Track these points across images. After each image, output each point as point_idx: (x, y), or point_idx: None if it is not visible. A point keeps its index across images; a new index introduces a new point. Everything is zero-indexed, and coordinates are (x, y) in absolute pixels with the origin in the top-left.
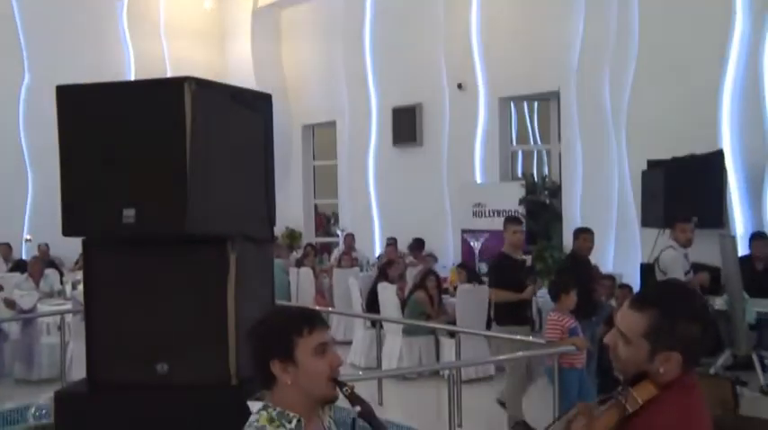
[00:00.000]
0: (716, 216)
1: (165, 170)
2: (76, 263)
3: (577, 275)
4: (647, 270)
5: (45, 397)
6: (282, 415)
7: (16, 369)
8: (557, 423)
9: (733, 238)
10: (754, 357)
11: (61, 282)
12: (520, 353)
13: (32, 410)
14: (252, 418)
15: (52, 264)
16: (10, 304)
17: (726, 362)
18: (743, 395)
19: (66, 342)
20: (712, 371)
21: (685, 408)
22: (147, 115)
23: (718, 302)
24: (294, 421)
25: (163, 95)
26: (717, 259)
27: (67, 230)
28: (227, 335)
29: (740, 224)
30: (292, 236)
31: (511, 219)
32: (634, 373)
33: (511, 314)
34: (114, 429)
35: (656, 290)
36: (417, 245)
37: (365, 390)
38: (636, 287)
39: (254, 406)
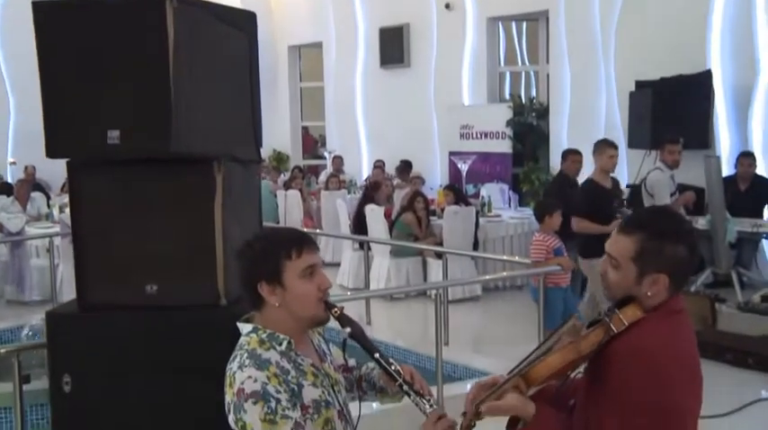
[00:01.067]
0: (702, 137)
1: (148, 90)
2: (63, 186)
3: (565, 196)
4: (633, 191)
5: (37, 317)
6: (272, 337)
7: (8, 291)
8: (551, 337)
9: (718, 159)
10: (733, 275)
11: (48, 206)
12: (504, 274)
13: (26, 330)
14: (242, 341)
15: (39, 187)
16: None
17: (706, 280)
18: (721, 311)
19: (55, 264)
20: (693, 289)
21: (668, 332)
22: (127, 33)
23: (701, 222)
24: (284, 343)
25: (144, 12)
26: (702, 180)
27: (51, 152)
28: (214, 256)
29: (725, 145)
30: (280, 158)
31: (607, 143)
32: (622, 297)
33: (595, 246)
34: (104, 348)
35: (644, 214)
36: (405, 167)
37: (354, 311)
38: None
39: (244, 328)
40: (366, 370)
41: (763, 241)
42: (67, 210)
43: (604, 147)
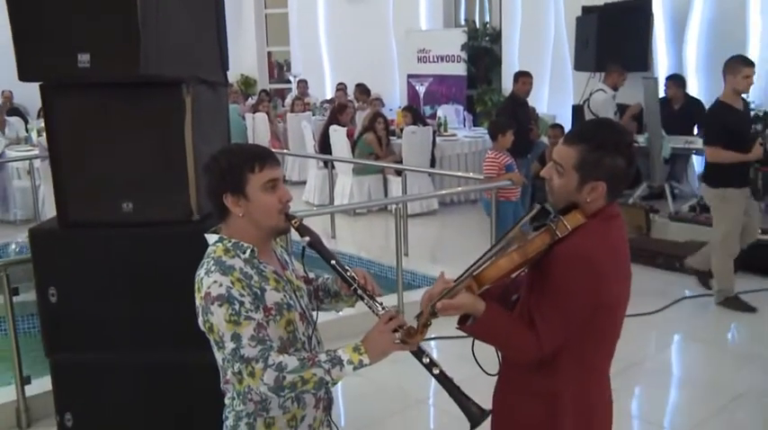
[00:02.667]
0: (641, 60)
1: (116, 13)
2: (40, 111)
3: (516, 116)
4: (578, 111)
5: (23, 235)
6: (236, 245)
7: None
8: (499, 242)
9: (655, 81)
10: (666, 188)
11: (26, 130)
12: (459, 189)
13: (13, 246)
14: (209, 250)
15: (17, 111)
16: None
17: (642, 193)
18: (654, 221)
19: (36, 185)
20: (630, 200)
21: (607, 235)
22: None
23: (640, 140)
24: (248, 251)
25: None
26: (640, 100)
27: (23, 75)
28: (186, 175)
29: (663, 68)
30: (247, 82)
31: (742, 60)
32: (565, 204)
33: (728, 174)
34: (85, 262)
35: (587, 126)
36: (361, 89)
37: (319, 226)
38: (567, 127)
39: (211, 238)
40: (322, 280)
41: (693, 157)
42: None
43: (739, 65)
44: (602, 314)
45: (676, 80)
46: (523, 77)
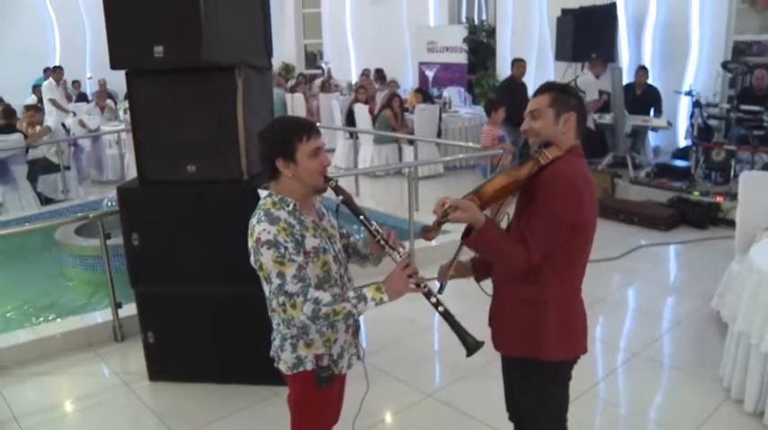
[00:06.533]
0: (609, 53)
1: (183, 11)
2: (126, 94)
3: (512, 93)
4: None
5: (113, 191)
6: (283, 200)
7: (92, 173)
8: (495, 172)
9: (620, 70)
10: (628, 158)
11: (116, 109)
12: (461, 156)
13: (105, 201)
14: (261, 202)
15: (109, 95)
16: (82, 124)
17: (608, 162)
18: (618, 184)
19: (123, 153)
20: (599, 167)
21: (580, 166)
22: None
23: (607, 118)
24: (291, 205)
25: None
26: (609, 86)
27: (114, 65)
28: (238, 143)
29: (626, 59)
30: (287, 68)
31: None
32: (545, 142)
33: None
34: (160, 212)
35: (549, 83)
36: (379, 74)
37: (346, 184)
38: None
39: (262, 193)
40: (353, 240)
41: (650, 133)
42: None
43: None
44: (578, 232)
45: (643, 70)
46: (518, 63)
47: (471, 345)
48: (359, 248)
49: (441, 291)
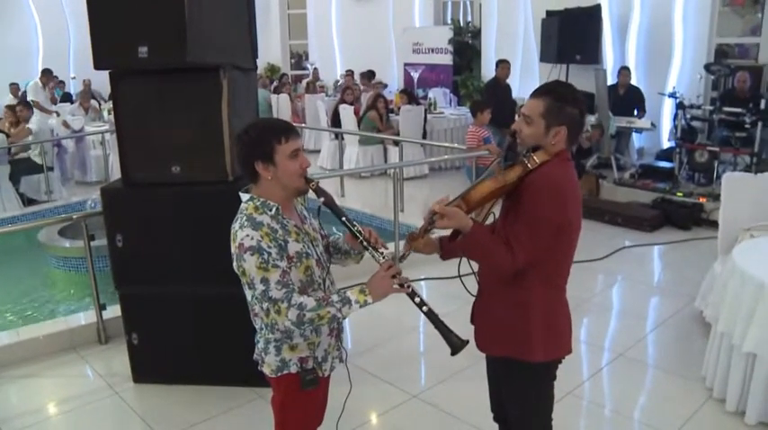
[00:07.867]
0: (593, 54)
1: (167, 11)
2: (110, 95)
3: (496, 94)
4: None
5: (97, 193)
6: (264, 204)
7: (75, 174)
8: (482, 176)
9: (604, 71)
10: (612, 159)
11: (100, 109)
12: (446, 157)
13: (89, 202)
14: (242, 207)
15: (93, 96)
16: (66, 125)
17: (593, 163)
18: (603, 185)
19: (107, 153)
20: (585, 168)
21: (567, 170)
22: None
23: (592, 119)
24: (274, 209)
25: None
26: (593, 87)
27: (97, 65)
28: (223, 143)
29: (610, 60)
30: (273, 69)
31: None
32: (533, 147)
33: None
34: (144, 213)
35: (549, 84)
36: (367, 75)
37: (331, 187)
38: None
39: (244, 197)
40: (334, 238)
41: (634, 134)
42: None
43: None
44: (563, 234)
45: (626, 70)
46: (503, 64)
47: (456, 344)
48: (340, 245)
49: (402, 259)
